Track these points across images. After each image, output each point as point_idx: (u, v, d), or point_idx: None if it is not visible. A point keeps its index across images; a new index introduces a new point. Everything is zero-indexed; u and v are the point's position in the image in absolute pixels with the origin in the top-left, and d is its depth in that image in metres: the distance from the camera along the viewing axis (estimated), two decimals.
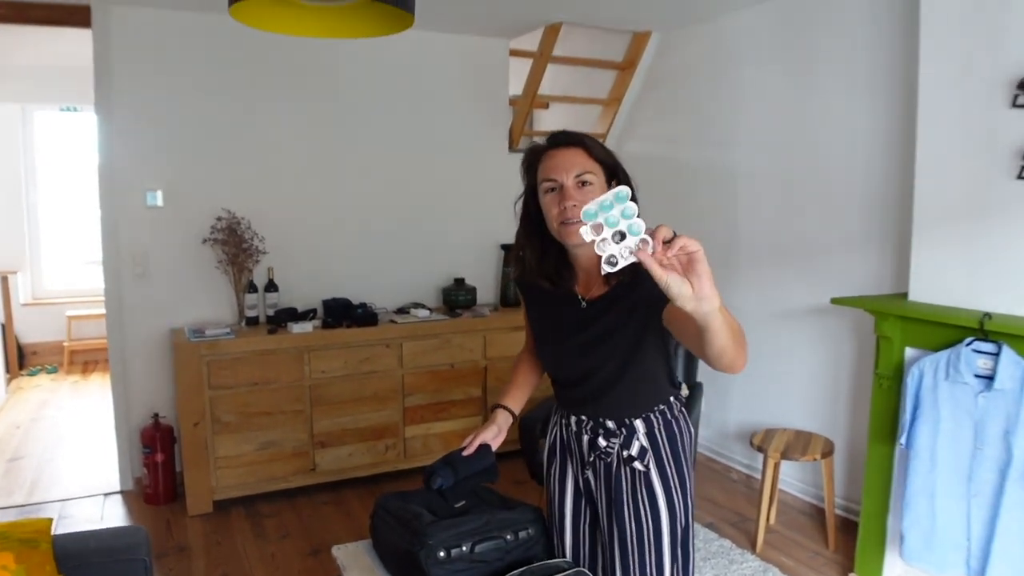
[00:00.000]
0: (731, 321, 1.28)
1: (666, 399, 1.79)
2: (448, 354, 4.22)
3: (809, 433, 3.55)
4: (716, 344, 1.25)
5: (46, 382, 6.30)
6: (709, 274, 1.11)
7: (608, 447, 1.77)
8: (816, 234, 3.65)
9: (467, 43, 4.56)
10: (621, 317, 1.67)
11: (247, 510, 3.83)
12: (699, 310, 1.14)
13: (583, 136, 1.70)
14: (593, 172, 1.64)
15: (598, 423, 1.79)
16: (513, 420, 1.98)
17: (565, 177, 1.62)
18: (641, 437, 1.75)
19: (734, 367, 1.34)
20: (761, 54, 3.86)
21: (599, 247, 1.12)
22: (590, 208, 1.12)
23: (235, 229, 3.99)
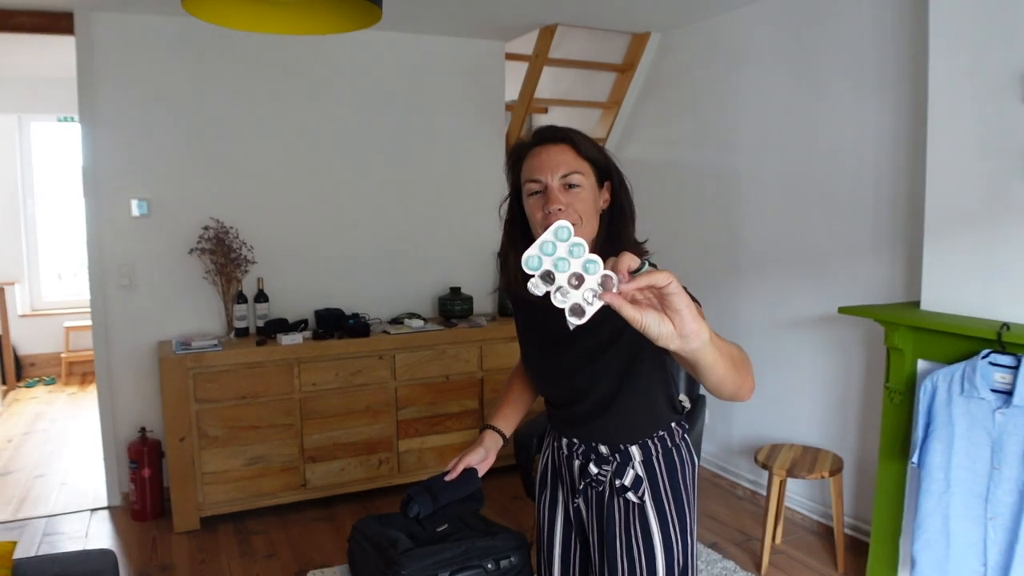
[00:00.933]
0: (728, 349, 1.12)
1: (666, 425, 1.63)
2: (443, 365, 4.09)
3: (817, 449, 3.40)
4: (712, 378, 1.11)
5: (43, 394, 6.22)
6: (690, 306, 0.95)
7: (600, 475, 1.62)
8: (823, 240, 3.51)
9: (461, 46, 4.45)
10: (613, 335, 1.52)
11: (235, 527, 3.71)
12: (685, 348, 0.98)
13: (571, 132, 1.53)
14: (581, 172, 1.48)
15: (590, 447, 1.63)
16: (504, 442, 1.83)
17: (550, 177, 1.46)
18: (637, 465, 1.59)
19: (738, 396, 1.18)
20: (764, 53, 3.73)
21: (557, 298, 0.96)
22: (532, 256, 0.96)
23: (223, 239, 3.88)
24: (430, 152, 4.47)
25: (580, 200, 1.47)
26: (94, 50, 3.70)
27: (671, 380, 1.65)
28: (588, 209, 1.47)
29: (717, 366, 1.07)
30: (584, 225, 1.47)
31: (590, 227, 1.49)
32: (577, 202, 1.46)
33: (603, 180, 1.54)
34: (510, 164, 1.58)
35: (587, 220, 1.47)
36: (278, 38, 4.00)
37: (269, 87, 4.06)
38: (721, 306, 4.04)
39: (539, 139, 1.53)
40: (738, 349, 1.17)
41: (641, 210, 1.65)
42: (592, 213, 1.49)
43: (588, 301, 0.94)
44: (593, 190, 1.50)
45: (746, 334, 3.93)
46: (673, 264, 4.20)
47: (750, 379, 1.19)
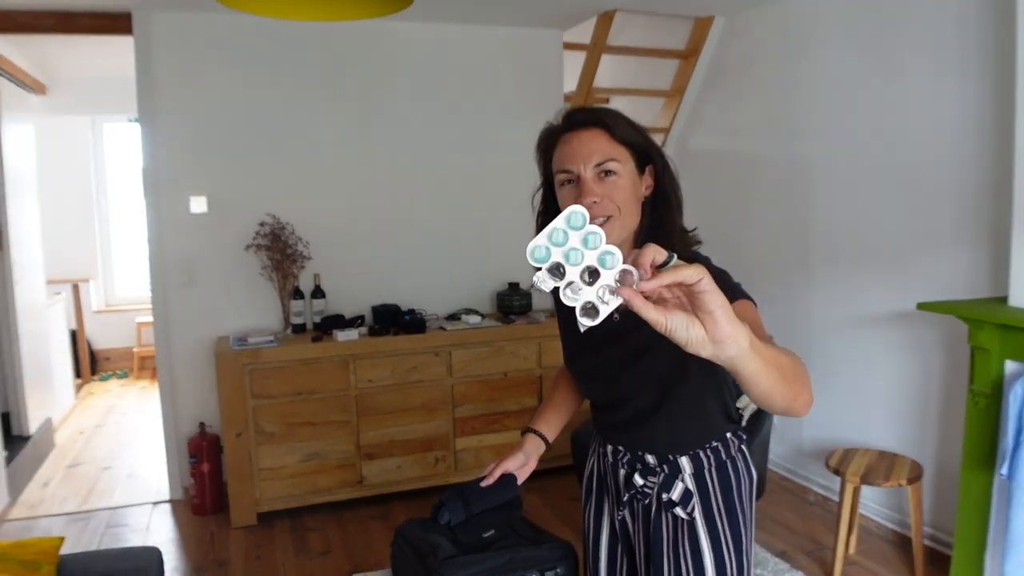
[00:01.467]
0: (776, 357, 0.95)
1: (720, 435, 1.48)
2: (501, 362, 4.01)
3: (893, 454, 3.19)
4: (756, 390, 0.94)
5: (116, 387, 6.40)
6: (725, 308, 0.82)
7: (646, 486, 1.48)
8: (900, 231, 3.29)
9: (517, 36, 4.35)
10: (656, 334, 1.37)
11: (292, 523, 3.71)
12: (720, 355, 0.85)
13: (605, 113, 1.38)
14: (618, 159, 1.34)
15: (636, 456, 1.51)
16: (547, 447, 1.70)
17: (583, 167, 1.33)
18: (687, 478, 1.45)
19: (791, 410, 1.02)
20: (835, 34, 3.51)
21: (567, 295, 0.83)
22: (538, 245, 0.84)
23: (279, 235, 3.88)
24: (487, 145, 4.38)
25: (618, 189, 1.33)
26: (152, 50, 3.74)
27: (726, 385, 1.50)
28: (627, 199, 1.34)
29: (761, 377, 0.91)
30: (624, 216, 1.34)
31: (631, 218, 1.36)
32: (614, 192, 1.33)
33: (644, 164, 1.39)
34: (540, 151, 1.46)
35: (627, 211, 1.35)
36: (334, 34, 3.98)
37: (324, 82, 4.04)
38: (790, 302, 3.84)
39: (569, 124, 1.39)
40: (790, 357, 1.00)
41: (706, 202, 1.52)
42: (632, 203, 1.36)
43: (603, 299, 0.82)
44: (632, 177, 1.36)
45: (818, 332, 3.73)
46: (739, 259, 4.02)
47: (806, 392, 1.02)
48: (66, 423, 5.37)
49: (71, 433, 5.16)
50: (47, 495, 4.09)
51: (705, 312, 0.81)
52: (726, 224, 4.21)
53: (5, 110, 4.33)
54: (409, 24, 4.11)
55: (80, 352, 6.38)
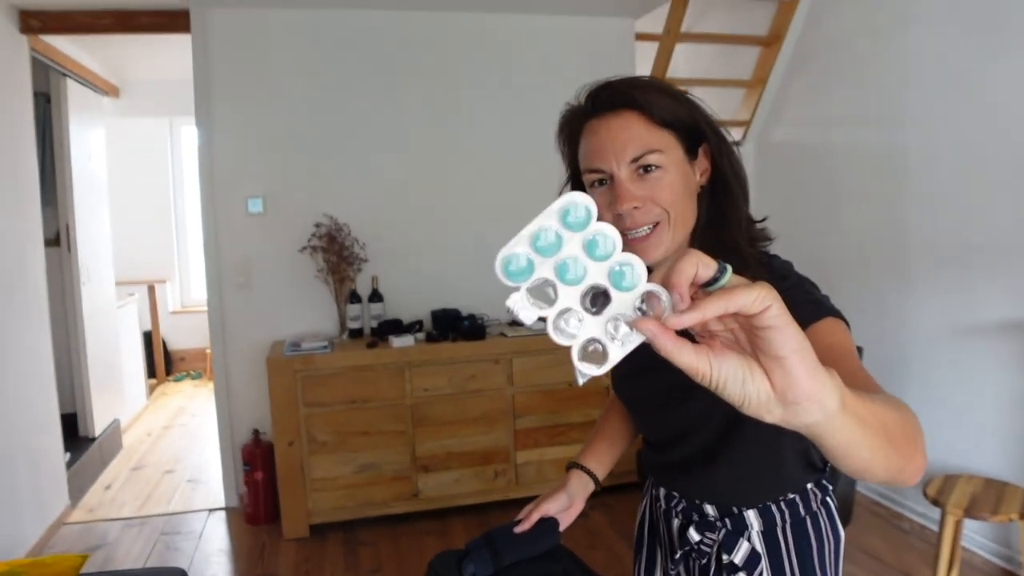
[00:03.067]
0: (879, 415, 0.66)
1: (798, 486, 1.18)
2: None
3: (1002, 483, 2.81)
4: (849, 463, 0.66)
5: (189, 388, 6.45)
6: (804, 352, 0.55)
7: (703, 543, 1.20)
8: (1011, 230, 2.90)
9: (587, 25, 4.10)
10: None
11: (345, 536, 3.57)
12: (795, 422, 0.58)
13: (636, 87, 1.07)
14: (660, 148, 1.04)
15: (692, 505, 1.23)
16: (596, 487, 1.40)
17: (615, 164, 1.05)
18: (754, 537, 1.17)
19: (897, 481, 0.73)
20: (935, 11, 3.14)
21: (559, 330, 0.58)
22: (515, 254, 0.59)
23: (335, 236, 3.75)
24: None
25: (663, 188, 1.05)
26: (209, 47, 3.68)
27: None
28: (678, 197, 1.06)
29: (858, 447, 0.63)
30: (676, 220, 1.06)
31: (685, 219, 1.08)
32: (659, 192, 1.05)
33: (696, 145, 1.10)
34: (563, 138, 1.19)
35: (679, 212, 1.06)
36: (395, 28, 3.83)
37: (383, 79, 3.90)
38: (884, 311, 3.48)
39: (594, 107, 1.10)
40: (898, 411, 0.71)
41: (788, 200, 1.25)
42: (685, 199, 1.08)
43: (615, 336, 0.56)
44: (681, 166, 1.07)
45: (916, 344, 3.36)
46: (824, 263, 3.68)
47: (918, 456, 0.72)
48: (136, 424, 5.41)
49: (139, 434, 5.19)
50: (107, 498, 4.07)
51: (773, 357, 0.55)
52: (810, 224, 3.86)
53: (74, 112, 4.35)
54: (473, 15, 3.92)
55: (155, 353, 6.45)
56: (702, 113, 1.11)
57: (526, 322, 0.60)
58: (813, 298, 1.05)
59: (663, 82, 1.13)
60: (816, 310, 1.01)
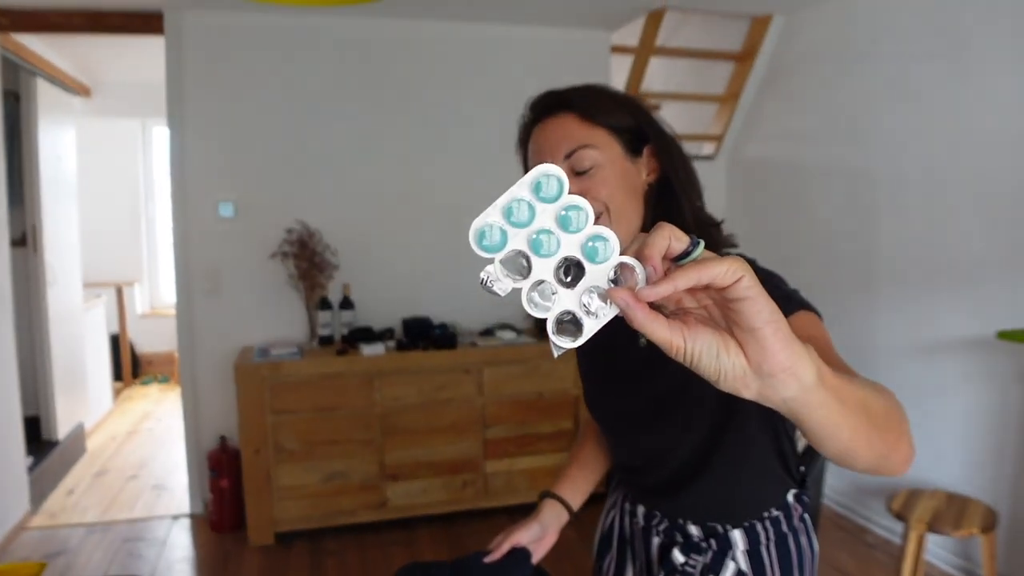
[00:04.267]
0: (858, 394, 0.66)
1: (780, 501, 1.20)
2: (535, 382, 3.78)
3: (965, 498, 2.85)
4: (831, 444, 0.66)
5: (155, 392, 6.36)
6: (777, 323, 0.55)
7: (688, 565, 1.20)
8: (976, 249, 2.95)
9: (562, 37, 4.12)
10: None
11: (311, 545, 3.54)
12: (772, 397, 0.58)
13: (573, 92, 1.13)
14: (593, 144, 1.08)
15: (675, 525, 1.23)
16: (571, 517, 1.40)
17: (555, 158, 1.09)
18: (739, 557, 1.17)
19: (883, 469, 0.73)
20: (905, 33, 3.20)
21: (533, 302, 0.59)
22: (489, 224, 0.60)
23: (306, 242, 3.72)
24: None
25: (599, 183, 1.07)
26: (182, 50, 3.64)
27: (784, 434, 1.20)
28: (615, 191, 1.08)
29: (836, 427, 0.63)
30: (616, 214, 1.07)
31: (627, 215, 1.09)
32: (595, 186, 1.06)
33: (640, 146, 1.12)
34: (520, 150, 1.21)
35: (618, 206, 1.08)
36: (367, 34, 3.82)
37: (357, 86, 3.88)
38: (851, 327, 3.52)
39: (534, 113, 1.16)
40: (881, 395, 0.72)
41: (759, 214, 1.26)
42: (624, 194, 1.09)
43: (589, 308, 0.57)
44: (620, 163, 1.09)
45: (881, 360, 3.41)
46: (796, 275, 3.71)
47: (903, 445, 0.73)
48: (101, 428, 5.33)
49: (104, 439, 5.11)
50: (69, 504, 4.00)
51: (746, 329, 0.55)
52: (780, 239, 3.91)
53: (44, 111, 4.29)
54: (447, 24, 3.93)
55: (122, 356, 6.36)
56: (645, 115, 1.13)
57: (500, 293, 0.60)
58: (783, 292, 1.06)
59: (606, 87, 1.15)
60: (788, 305, 1.01)
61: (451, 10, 3.70)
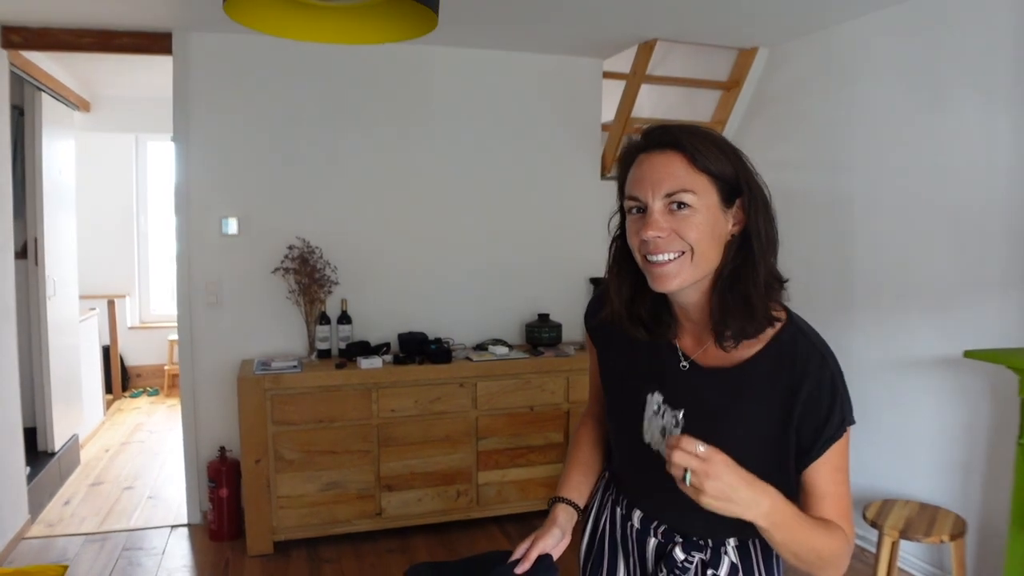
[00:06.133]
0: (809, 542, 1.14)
1: None
2: (527, 396, 3.91)
3: (935, 507, 3.01)
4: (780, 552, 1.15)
5: (145, 404, 6.41)
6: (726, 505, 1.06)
7: (687, 561, 1.30)
8: (947, 273, 3.13)
9: (557, 64, 4.29)
10: (745, 414, 1.20)
11: (308, 553, 3.63)
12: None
13: (686, 133, 1.17)
14: (694, 190, 1.14)
15: (673, 530, 1.33)
16: (579, 516, 1.50)
17: (651, 196, 1.15)
18: (731, 552, 1.29)
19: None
20: (881, 66, 3.39)
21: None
22: None
23: (307, 259, 3.84)
24: (522, 174, 4.31)
25: (690, 226, 1.15)
26: (190, 70, 3.75)
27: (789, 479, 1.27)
28: (703, 236, 1.16)
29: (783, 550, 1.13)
30: (698, 256, 1.16)
31: (707, 258, 1.18)
32: (685, 228, 1.15)
33: (732, 196, 1.19)
34: (619, 168, 1.28)
35: (701, 250, 1.16)
36: (370, 58, 3.96)
37: (359, 107, 4.02)
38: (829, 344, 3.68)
39: (646, 142, 1.20)
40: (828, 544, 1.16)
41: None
42: (709, 241, 1.17)
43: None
44: (712, 211, 1.16)
45: (857, 376, 3.57)
46: None
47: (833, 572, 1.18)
48: (93, 440, 5.37)
49: (97, 450, 5.16)
50: (67, 513, 4.06)
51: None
52: None
53: (47, 125, 4.38)
54: (447, 49, 4.08)
55: (112, 368, 6.41)
56: (745, 170, 1.20)
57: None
58: (843, 407, 1.19)
59: (717, 135, 1.21)
60: (839, 428, 1.17)
61: (454, 36, 3.84)
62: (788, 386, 1.17)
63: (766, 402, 1.19)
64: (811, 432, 1.16)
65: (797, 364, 1.19)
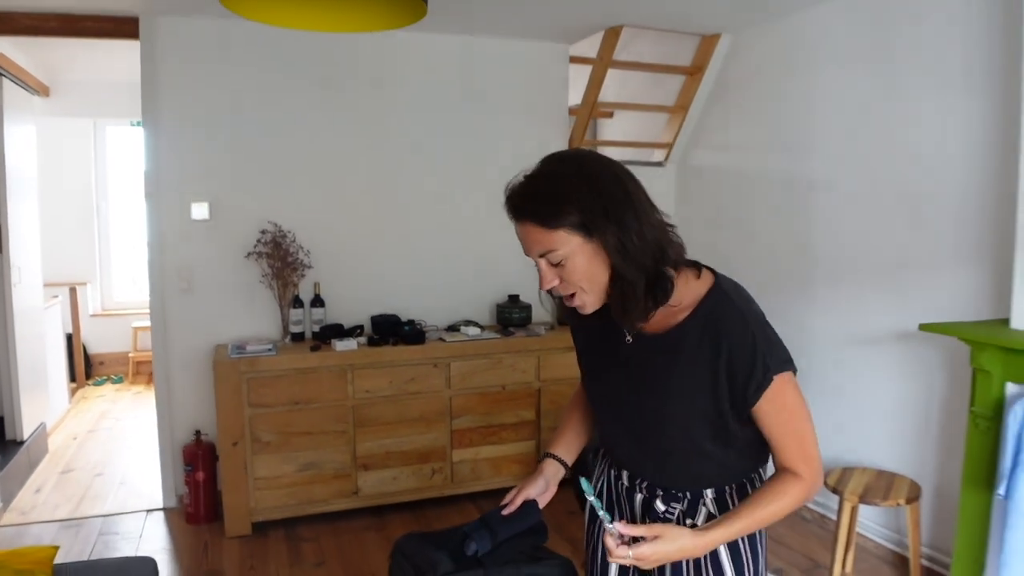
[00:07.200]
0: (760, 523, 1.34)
1: (749, 474, 1.47)
2: (499, 375, 3.99)
3: (892, 474, 3.18)
4: None
5: (110, 392, 6.36)
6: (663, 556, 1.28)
7: (667, 512, 1.47)
8: (903, 251, 3.29)
9: (524, 48, 4.35)
10: (684, 374, 1.35)
11: (286, 533, 3.68)
12: None
13: (528, 201, 1.30)
14: (557, 247, 1.28)
15: (655, 485, 1.50)
16: (567, 472, 1.67)
17: (534, 256, 1.33)
18: (708, 503, 1.45)
19: None
20: (840, 53, 3.53)
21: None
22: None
23: (280, 243, 3.87)
24: (491, 157, 4.38)
25: (571, 271, 1.31)
26: (157, 54, 3.74)
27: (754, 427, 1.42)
28: (583, 274, 1.31)
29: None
30: (592, 287, 1.32)
31: (598, 283, 1.32)
32: (568, 274, 1.31)
33: (596, 230, 1.28)
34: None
35: (590, 280, 1.31)
36: (339, 42, 3.98)
37: (328, 91, 4.04)
38: (790, 320, 3.84)
39: (509, 212, 1.34)
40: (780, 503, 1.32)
41: (706, 217, 1.53)
42: (594, 269, 1.30)
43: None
44: (583, 249, 1.28)
45: (818, 350, 3.73)
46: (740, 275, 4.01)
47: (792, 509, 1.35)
48: (59, 428, 5.33)
49: (64, 438, 5.12)
50: (39, 501, 4.05)
51: None
52: (726, 240, 4.21)
53: (7, 110, 4.32)
54: (416, 34, 4.11)
55: (75, 356, 6.34)
56: (587, 204, 1.27)
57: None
58: (765, 357, 1.29)
59: (553, 184, 1.30)
60: (765, 375, 1.28)
61: (422, 21, 3.88)
62: (713, 347, 1.32)
63: (700, 362, 1.34)
64: (741, 382, 1.30)
65: (719, 323, 1.32)
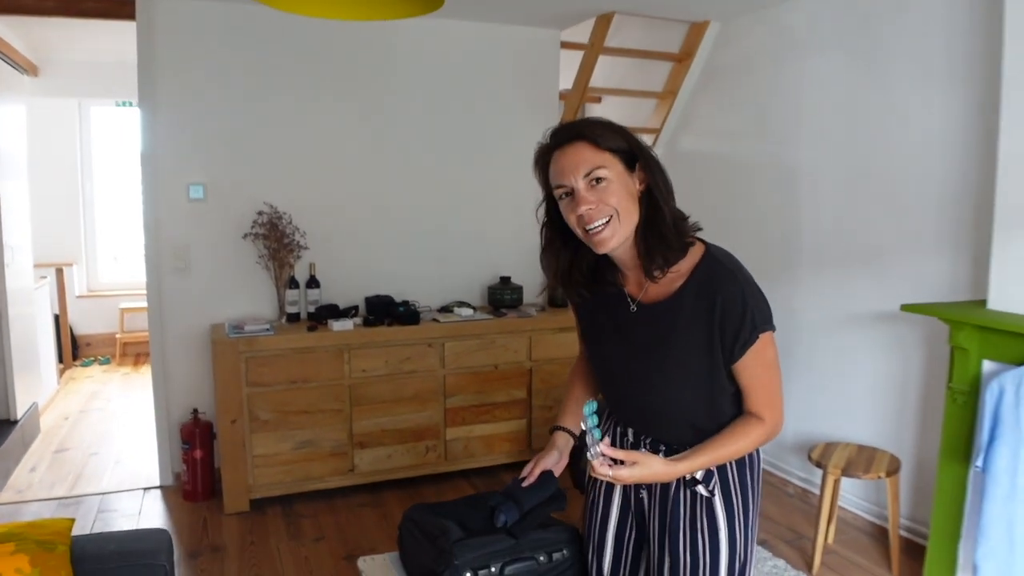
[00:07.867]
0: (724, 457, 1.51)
1: None
2: (492, 355, 4.08)
3: (873, 448, 3.31)
4: None
5: (98, 373, 6.37)
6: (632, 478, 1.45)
7: None
8: (885, 235, 3.41)
9: (516, 34, 4.41)
10: (682, 335, 1.50)
11: (284, 510, 3.76)
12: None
13: (584, 125, 1.49)
14: (604, 165, 1.44)
15: (658, 440, 1.62)
16: (576, 441, 1.80)
17: (574, 179, 1.45)
18: None
19: None
20: (826, 43, 3.63)
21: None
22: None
23: (276, 224, 3.91)
24: (483, 141, 4.45)
25: (610, 193, 1.45)
26: (155, 35, 3.75)
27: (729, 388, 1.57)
28: (621, 199, 1.46)
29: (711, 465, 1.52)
30: (622, 214, 1.46)
31: (629, 215, 1.48)
32: (607, 196, 1.45)
33: (633, 163, 1.49)
34: (538, 169, 1.56)
35: (624, 209, 1.46)
36: (334, 25, 4.01)
37: (324, 74, 4.08)
38: (776, 302, 3.91)
39: (556, 141, 1.50)
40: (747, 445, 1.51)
41: (694, 202, 1.64)
42: (628, 201, 1.47)
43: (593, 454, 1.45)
44: (622, 178, 1.47)
45: (803, 331, 3.85)
46: None
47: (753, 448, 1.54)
48: (50, 408, 5.35)
49: (55, 418, 5.15)
50: (35, 480, 4.09)
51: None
52: (713, 224, 4.27)
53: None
54: (409, 20, 4.15)
55: (63, 337, 6.34)
56: (636, 140, 1.51)
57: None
58: (753, 315, 1.47)
59: (606, 120, 1.51)
60: (752, 333, 1.46)
61: None
62: (708, 305, 1.47)
63: (696, 321, 1.48)
64: (731, 338, 1.46)
65: (713, 284, 1.48)
